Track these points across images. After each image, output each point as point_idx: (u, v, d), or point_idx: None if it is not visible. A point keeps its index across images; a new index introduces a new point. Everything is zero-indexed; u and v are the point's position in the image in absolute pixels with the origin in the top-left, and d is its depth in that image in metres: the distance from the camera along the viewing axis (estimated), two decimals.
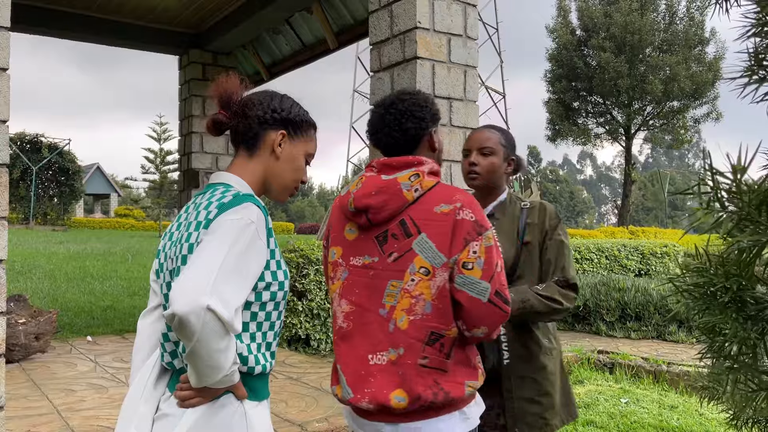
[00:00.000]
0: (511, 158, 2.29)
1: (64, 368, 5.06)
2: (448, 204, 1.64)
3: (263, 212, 1.44)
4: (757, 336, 1.12)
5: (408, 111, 1.76)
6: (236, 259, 1.33)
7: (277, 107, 1.56)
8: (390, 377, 1.62)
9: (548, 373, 2.13)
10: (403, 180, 1.68)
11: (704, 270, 1.16)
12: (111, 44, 7.48)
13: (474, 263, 1.60)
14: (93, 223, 34.49)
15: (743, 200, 0.96)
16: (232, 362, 1.33)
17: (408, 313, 1.62)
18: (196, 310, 1.22)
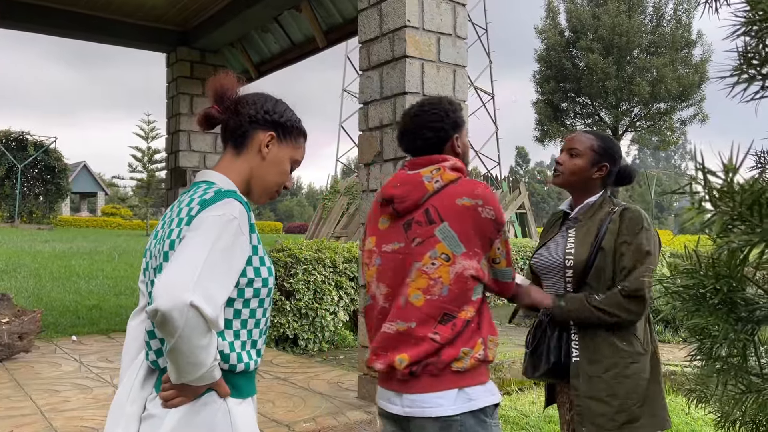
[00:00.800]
0: (603, 164, 2.27)
1: (48, 368, 5.00)
2: (471, 198, 1.82)
3: (246, 208, 1.43)
4: (747, 338, 1.12)
5: (427, 123, 1.94)
6: (220, 255, 1.32)
7: (270, 109, 1.57)
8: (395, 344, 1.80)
9: (623, 376, 2.10)
10: (425, 173, 1.87)
11: (694, 271, 1.15)
12: (98, 41, 7.41)
13: (500, 257, 1.88)
14: (79, 222, 34.21)
15: (735, 200, 0.95)
16: (213, 359, 1.32)
17: (425, 293, 1.78)
18: (179, 306, 1.21)
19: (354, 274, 6.42)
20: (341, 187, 15.79)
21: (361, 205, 4.11)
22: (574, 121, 33.13)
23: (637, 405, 2.10)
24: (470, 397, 1.75)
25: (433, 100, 2.01)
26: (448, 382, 1.74)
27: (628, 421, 2.09)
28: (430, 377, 1.75)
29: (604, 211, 2.22)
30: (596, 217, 2.22)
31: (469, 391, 1.75)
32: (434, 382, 1.75)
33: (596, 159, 2.27)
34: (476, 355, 1.77)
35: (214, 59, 7.51)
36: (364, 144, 4.07)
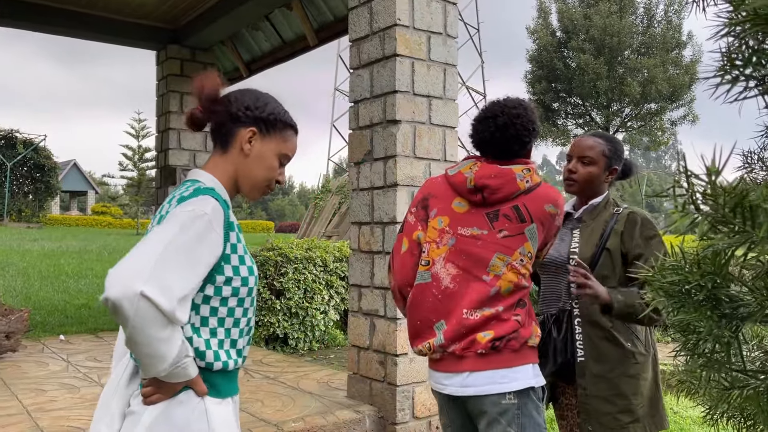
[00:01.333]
0: (614, 168, 2.31)
1: (36, 368, 4.96)
2: (555, 207, 1.96)
3: (222, 205, 1.43)
4: (731, 334, 1.12)
5: (517, 136, 1.96)
6: (183, 248, 1.31)
7: (251, 105, 1.55)
8: (482, 327, 1.89)
9: (627, 375, 2.12)
10: (518, 171, 1.95)
11: (679, 268, 1.16)
12: (87, 38, 7.36)
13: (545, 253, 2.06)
14: (69, 221, 33.98)
15: (718, 202, 0.95)
16: (179, 354, 1.31)
17: (515, 286, 1.91)
18: (128, 296, 1.21)
19: (344, 273, 6.42)
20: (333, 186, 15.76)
21: (352, 205, 4.10)
22: (566, 121, 33.26)
23: (640, 405, 2.12)
24: (533, 373, 1.91)
25: (520, 111, 1.98)
26: (525, 357, 1.90)
27: (633, 421, 2.11)
28: (512, 352, 1.88)
29: (609, 212, 2.26)
30: (601, 218, 2.25)
31: (532, 368, 1.91)
32: (515, 356, 1.88)
33: (608, 164, 2.30)
34: (536, 336, 1.95)
35: (205, 57, 7.48)
36: (354, 143, 4.07)
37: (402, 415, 3.73)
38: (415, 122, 3.80)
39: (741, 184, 0.93)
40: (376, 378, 3.86)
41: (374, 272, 3.88)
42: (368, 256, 3.93)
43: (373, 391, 3.89)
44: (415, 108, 3.80)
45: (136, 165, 31.87)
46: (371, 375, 3.90)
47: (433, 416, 3.83)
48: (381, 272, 3.83)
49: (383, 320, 3.82)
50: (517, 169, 1.95)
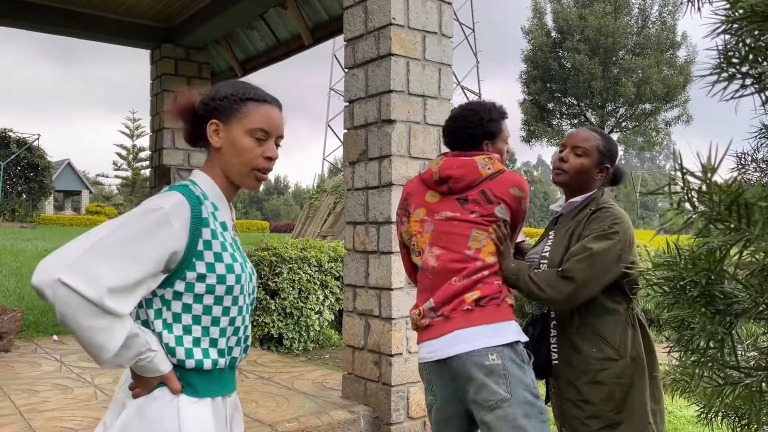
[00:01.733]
0: (605, 166, 2.23)
1: (28, 368, 4.94)
2: (520, 191, 2.15)
3: (190, 201, 1.41)
4: (725, 331, 1.12)
5: (463, 128, 2.22)
6: (124, 239, 1.31)
7: (206, 98, 1.53)
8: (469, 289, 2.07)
9: (593, 382, 2.06)
10: (479, 160, 2.15)
11: (674, 264, 1.15)
12: (81, 37, 7.32)
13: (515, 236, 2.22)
14: (63, 220, 33.84)
15: (714, 200, 0.95)
16: (123, 345, 1.31)
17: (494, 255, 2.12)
18: (47, 282, 1.23)
19: (339, 273, 6.41)
20: (328, 185, 15.74)
21: (347, 204, 4.09)
22: (561, 122, 33.32)
23: (614, 411, 2.05)
24: (514, 329, 2.04)
25: (475, 106, 2.26)
26: (508, 313, 2.06)
27: (605, 426, 2.05)
28: (496, 307, 2.04)
29: (585, 213, 2.17)
30: (576, 218, 2.18)
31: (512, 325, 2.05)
32: (498, 311, 2.04)
33: (600, 160, 2.21)
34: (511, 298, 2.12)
35: (199, 56, 7.46)
36: (349, 142, 4.06)
37: (397, 415, 3.73)
38: (410, 122, 3.79)
39: (736, 182, 0.93)
40: (371, 378, 3.85)
41: (369, 272, 3.88)
42: (363, 256, 3.93)
43: (368, 391, 3.88)
44: (410, 108, 3.80)
45: (131, 164, 31.83)
46: (366, 375, 3.90)
47: (427, 416, 3.82)
48: (376, 272, 3.83)
49: (378, 320, 3.81)
50: (478, 159, 2.16)
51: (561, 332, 2.16)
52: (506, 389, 1.95)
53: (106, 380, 4.55)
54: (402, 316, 3.74)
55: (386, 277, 3.74)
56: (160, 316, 1.41)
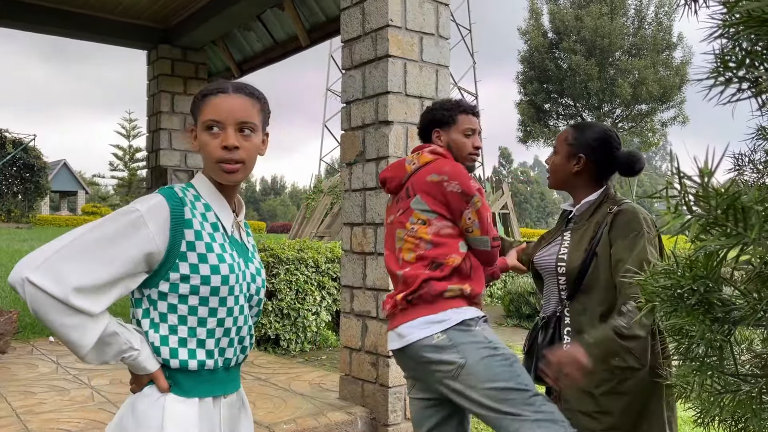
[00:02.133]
0: (579, 156, 2.11)
1: (25, 369, 4.92)
2: (438, 174, 2.14)
3: (170, 203, 1.42)
4: (723, 338, 1.12)
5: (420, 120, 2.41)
6: (96, 241, 1.35)
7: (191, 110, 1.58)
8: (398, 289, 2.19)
9: (615, 393, 1.96)
10: (408, 158, 2.28)
11: (672, 272, 1.15)
12: (78, 38, 7.31)
13: (472, 226, 2.14)
14: (59, 221, 33.75)
15: (711, 204, 0.95)
16: (101, 342, 1.35)
17: (413, 250, 2.16)
18: (17, 281, 1.30)
19: (336, 274, 6.40)
20: (325, 186, 15.73)
21: (344, 205, 4.09)
22: (557, 122, 33.36)
23: (634, 423, 1.97)
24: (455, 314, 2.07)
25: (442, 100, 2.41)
26: (442, 305, 2.08)
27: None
28: (426, 303, 2.09)
29: (602, 212, 2.05)
30: (594, 219, 2.07)
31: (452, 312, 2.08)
32: (430, 307, 2.09)
33: (570, 152, 2.12)
34: (463, 289, 2.11)
35: (196, 57, 7.45)
36: (346, 143, 4.06)
37: (394, 416, 3.73)
38: (407, 123, 3.79)
39: (733, 185, 0.93)
40: (368, 379, 3.85)
41: (366, 273, 3.87)
42: (360, 257, 3.92)
43: (365, 392, 3.88)
44: (407, 109, 3.80)
45: (127, 165, 31.76)
46: (363, 376, 3.89)
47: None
48: (373, 273, 3.82)
49: (375, 321, 3.81)
50: (408, 157, 2.29)
51: (577, 336, 2.02)
52: (459, 356, 2.01)
53: (103, 382, 4.54)
54: None
55: (384, 278, 3.74)
56: (148, 316, 1.45)
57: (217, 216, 1.50)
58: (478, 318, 2.12)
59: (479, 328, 2.08)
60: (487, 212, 2.16)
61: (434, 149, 2.26)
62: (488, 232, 2.16)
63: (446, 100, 2.39)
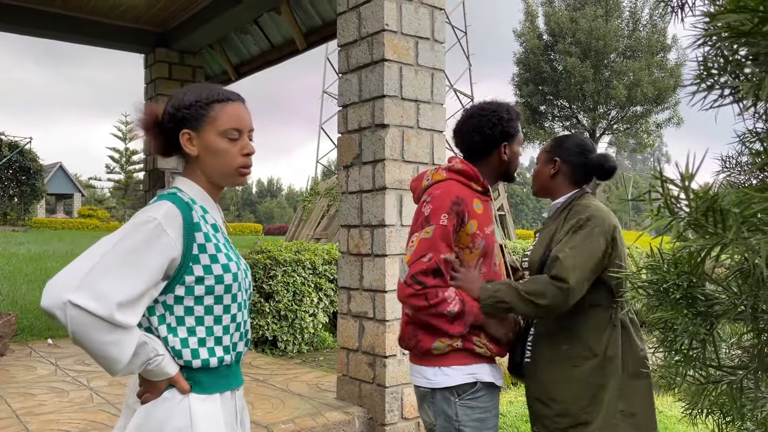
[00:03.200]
0: (554, 159, 2.21)
1: (24, 372, 4.95)
2: (427, 195, 2.03)
3: (181, 209, 1.45)
4: (706, 331, 1.17)
5: (479, 127, 2.09)
6: (124, 254, 1.35)
7: (171, 110, 1.54)
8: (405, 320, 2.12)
9: (564, 380, 2.04)
10: (428, 173, 2.13)
11: (657, 267, 1.20)
12: (75, 41, 7.34)
13: (408, 250, 1.99)
14: (55, 224, 33.70)
15: (691, 206, 1.00)
16: (139, 354, 1.36)
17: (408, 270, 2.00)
18: (57, 305, 1.28)
19: (333, 276, 6.44)
20: (321, 188, 15.76)
21: (341, 207, 4.14)
22: (553, 124, 33.46)
23: (585, 410, 2.02)
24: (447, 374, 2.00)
25: (493, 106, 2.13)
26: (429, 360, 2.02)
27: (574, 425, 2.03)
28: (416, 356, 2.07)
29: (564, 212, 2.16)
30: (557, 219, 2.17)
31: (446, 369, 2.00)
32: (420, 359, 2.05)
33: (548, 158, 2.24)
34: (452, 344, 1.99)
35: (193, 61, 7.49)
36: (342, 146, 4.10)
37: (391, 416, 3.77)
38: (404, 126, 3.84)
39: (712, 188, 0.98)
40: (366, 379, 3.90)
41: (363, 275, 3.92)
42: (357, 259, 3.97)
43: (363, 392, 3.92)
44: (403, 112, 3.85)
45: (123, 168, 31.72)
46: (360, 377, 3.94)
47: None
48: (370, 275, 3.87)
49: (372, 322, 3.85)
50: (429, 171, 2.15)
51: (538, 328, 2.16)
52: (432, 416, 2.04)
53: (102, 383, 4.57)
54: (396, 318, 3.78)
55: (380, 280, 3.78)
56: (164, 321, 1.46)
57: (213, 217, 1.56)
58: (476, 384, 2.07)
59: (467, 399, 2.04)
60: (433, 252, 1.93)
61: (452, 167, 2.09)
62: (414, 265, 1.93)
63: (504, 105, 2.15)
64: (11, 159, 28.62)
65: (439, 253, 1.93)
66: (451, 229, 1.96)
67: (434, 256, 1.92)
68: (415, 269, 1.92)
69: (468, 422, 1.98)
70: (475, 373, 2.00)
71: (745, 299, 1.07)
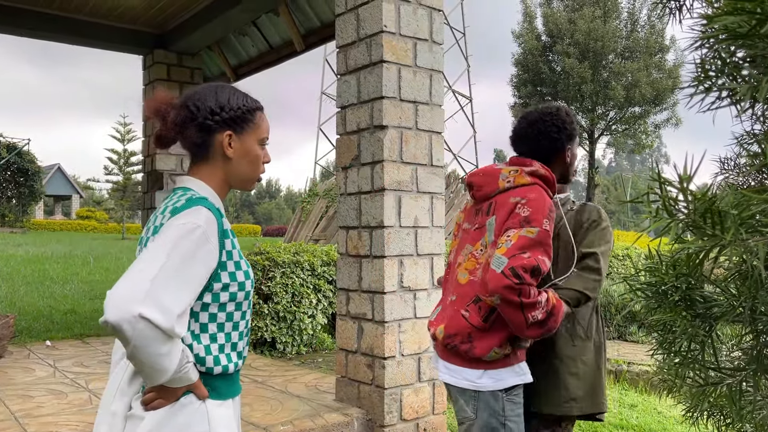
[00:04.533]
0: None
1: (22, 373, 4.94)
2: (520, 197, 2.00)
3: (215, 215, 1.44)
4: (705, 333, 1.17)
5: (545, 132, 2.15)
6: (178, 264, 1.33)
7: (215, 108, 1.52)
8: (444, 314, 2.10)
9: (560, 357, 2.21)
10: (504, 172, 2.09)
11: (656, 269, 1.20)
12: (73, 43, 7.32)
13: (504, 243, 1.93)
14: (53, 225, 33.68)
15: (689, 208, 1.00)
16: (179, 364, 1.34)
17: (470, 273, 2.04)
18: (127, 318, 1.23)
19: (332, 277, 6.44)
20: (320, 189, 15.76)
21: (340, 209, 4.14)
22: None
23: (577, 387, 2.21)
24: (495, 378, 2.02)
25: (552, 110, 2.19)
26: (477, 364, 2.02)
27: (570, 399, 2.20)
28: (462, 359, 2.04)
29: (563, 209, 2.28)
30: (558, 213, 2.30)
31: (493, 373, 2.02)
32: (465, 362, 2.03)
33: None
34: (502, 351, 2.00)
35: (192, 62, 7.48)
36: (341, 147, 4.10)
37: (390, 417, 3.77)
38: (402, 127, 3.84)
39: (710, 190, 0.98)
40: (365, 381, 3.89)
41: (362, 276, 3.92)
42: (356, 260, 3.97)
43: (362, 393, 3.92)
44: (402, 113, 3.85)
45: (122, 169, 31.65)
46: (359, 378, 3.93)
47: (420, 418, 3.87)
48: (369, 276, 3.87)
49: (371, 324, 3.85)
50: (505, 170, 2.10)
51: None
52: (473, 410, 2.05)
53: (101, 385, 4.56)
54: (395, 320, 3.78)
55: (379, 281, 3.78)
56: (189, 329, 1.44)
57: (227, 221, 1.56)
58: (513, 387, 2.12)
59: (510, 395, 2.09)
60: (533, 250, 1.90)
61: (535, 171, 2.09)
62: (514, 258, 1.87)
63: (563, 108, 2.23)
64: (9, 160, 28.60)
65: (538, 254, 1.91)
66: (551, 235, 1.99)
67: (533, 255, 1.89)
68: (516, 262, 1.87)
69: (512, 417, 2.06)
70: (520, 373, 2.08)
71: (743, 301, 1.07)
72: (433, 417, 3.94)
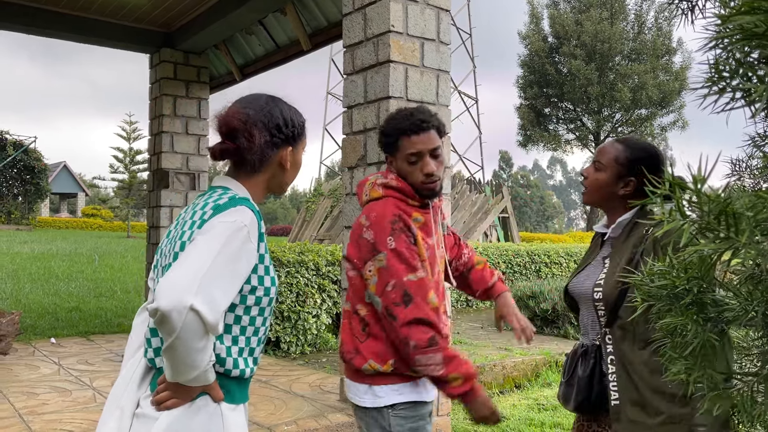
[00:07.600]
0: (630, 179, 1.92)
1: (27, 371, 4.95)
2: (366, 219, 1.95)
3: (257, 217, 1.46)
4: (716, 338, 1.16)
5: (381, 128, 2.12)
6: (226, 261, 1.34)
7: (281, 125, 1.56)
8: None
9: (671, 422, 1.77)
10: (368, 183, 2.06)
11: (667, 272, 1.19)
12: (80, 41, 7.34)
13: (370, 280, 1.90)
14: (59, 223, 33.78)
15: (703, 210, 0.99)
16: (208, 361, 1.34)
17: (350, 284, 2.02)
18: (178, 308, 1.23)
19: (337, 277, 6.43)
20: (325, 189, 15.78)
21: (345, 209, 4.12)
22: (557, 126, 33.46)
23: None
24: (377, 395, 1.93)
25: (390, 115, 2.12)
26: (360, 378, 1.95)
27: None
28: (351, 373, 1.99)
29: (639, 234, 1.88)
30: (630, 241, 1.90)
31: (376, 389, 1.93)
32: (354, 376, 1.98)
33: (621, 173, 1.94)
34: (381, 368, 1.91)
35: (198, 61, 7.49)
36: (347, 147, 4.10)
37: None
38: None
39: (725, 192, 0.97)
40: None
41: None
42: None
43: None
44: None
45: (127, 167, 31.72)
46: None
47: None
48: None
49: None
50: (372, 179, 2.06)
51: (622, 366, 1.87)
52: (365, 428, 1.99)
53: (105, 383, 4.57)
54: None
55: None
56: None
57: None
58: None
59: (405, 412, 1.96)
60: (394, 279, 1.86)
61: (387, 183, 2.01)
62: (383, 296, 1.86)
63: (391, 117, 2.08)
64: (16, 158, 28.69)
65: (400, 276, 1.85)
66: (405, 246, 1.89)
67: (397, 282, 1.85)
68: (388, 300, 1.85)
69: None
70: (403, 392, 1.95)
71: (756, 305, 1.06)
72: (437, 418, 3.93)
